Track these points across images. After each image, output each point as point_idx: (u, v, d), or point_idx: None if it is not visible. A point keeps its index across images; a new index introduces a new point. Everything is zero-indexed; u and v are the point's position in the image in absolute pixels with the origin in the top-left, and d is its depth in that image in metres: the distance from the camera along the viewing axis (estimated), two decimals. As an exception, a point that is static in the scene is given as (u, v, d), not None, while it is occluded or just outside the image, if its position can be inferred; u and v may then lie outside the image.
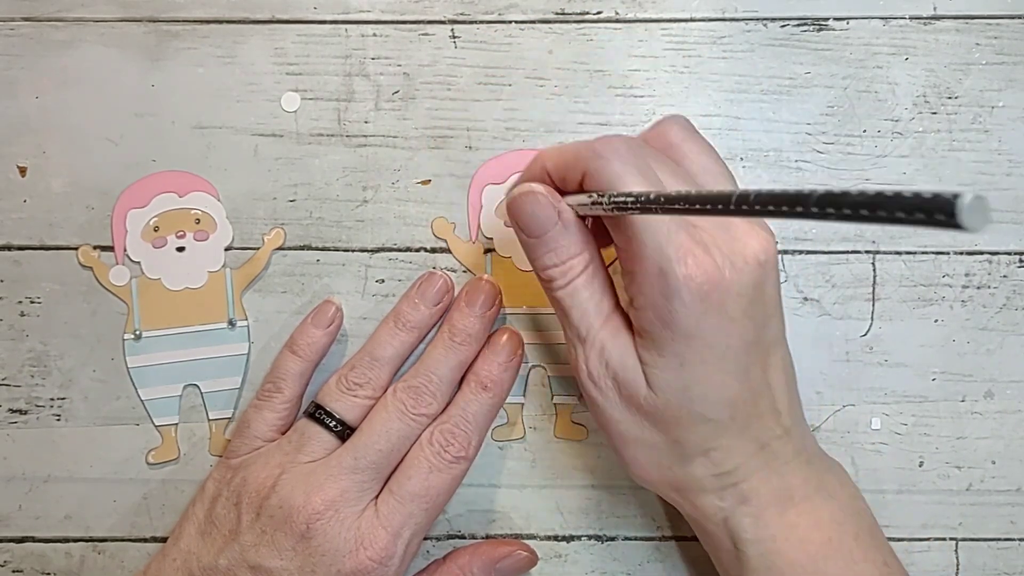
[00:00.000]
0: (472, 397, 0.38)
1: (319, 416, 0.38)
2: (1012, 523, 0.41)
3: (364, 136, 0.42)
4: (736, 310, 0.32)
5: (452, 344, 0.38)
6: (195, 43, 0.42)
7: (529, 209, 0.34)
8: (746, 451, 0.34)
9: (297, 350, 0.40)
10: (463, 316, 0.39)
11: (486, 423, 0.39)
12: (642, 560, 0.41)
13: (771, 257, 0.33)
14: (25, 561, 0.42)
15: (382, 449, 0.37)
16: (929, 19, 0.42)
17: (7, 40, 0.42)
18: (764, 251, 0.33)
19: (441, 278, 0.40)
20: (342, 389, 0.38)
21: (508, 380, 0.39)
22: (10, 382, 0.42)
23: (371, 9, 0.42)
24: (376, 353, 0.39)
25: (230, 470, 0.38)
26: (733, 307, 0.32)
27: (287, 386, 0.39)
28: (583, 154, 0.33)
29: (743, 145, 0.42)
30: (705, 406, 0.33)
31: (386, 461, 0.37)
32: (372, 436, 0.37)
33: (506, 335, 0.39)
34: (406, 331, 0.39)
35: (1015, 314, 0.41)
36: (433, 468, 0.37)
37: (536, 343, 0.41)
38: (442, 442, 0.37)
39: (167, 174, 0.42)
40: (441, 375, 0.38)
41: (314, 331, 0.40)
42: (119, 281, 0.42)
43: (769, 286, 0.33)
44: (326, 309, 0.40)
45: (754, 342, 0.33)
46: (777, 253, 0.34)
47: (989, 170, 0.41)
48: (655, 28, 0.42)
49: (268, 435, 0.39)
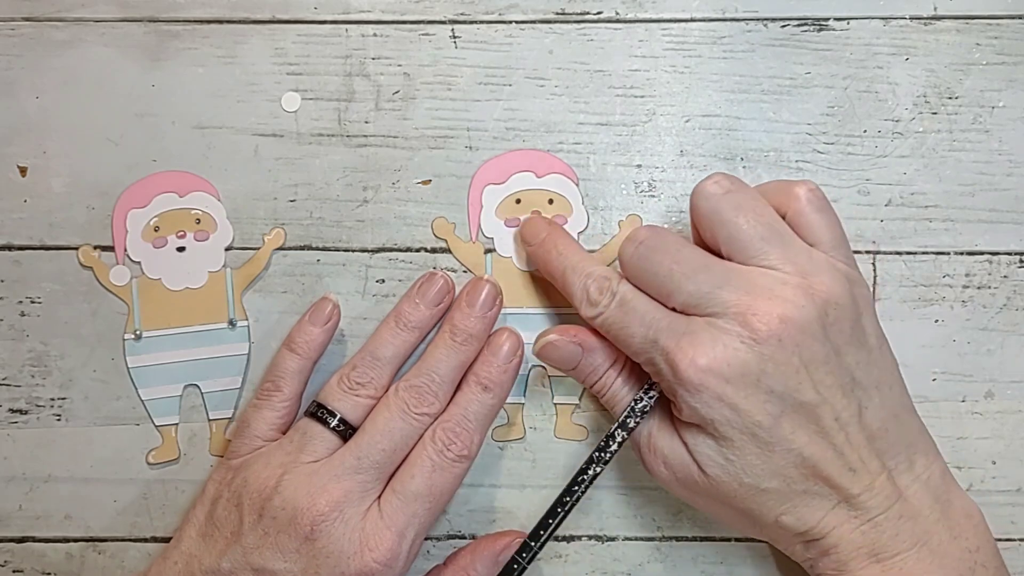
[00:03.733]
0: (472, 397, 0.38)
1: (321, 415, 0.38)
2: (1012, 523, 0.41)
3: (364, 136, 0.42)
4: (736, 395, 0.33)
5: (453, 344, 0.38)
6: (195, 43, 0.42)
7: (555, 356, 0.38)
8: (820, 509, 0.34)
9: (295, 348, 0.39)
10: (464, 316, 0.39)
11: (487, 423, 0.39)
12: (642, 560, 0.41)
13: (792, 317, 0.33)
14: (25, 561, 0.42)
15: (385, 448, 0.37)
16: (929, 19, 0.42)
17: (7, 40, 0.42)
18: (779, 316, 0.33)
19: (442, 278, 0.40)
20: (344, 388, 0.38)
21: (508, 381, 0.39)
22: (10, 382, 0.42)
23: (371, 9, 0.42)
24: (377, 352, 0.39)
25: (231, 471, 0.38)
26: (734, 392, 0.33)
27: (286, 384, 0.39)
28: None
29: (743, 145, 0.42)
30: (754, 478, 0.33)
31: (389, 460, 0.37)
32: (375, 435, 0.37)
33: (506, 336, 0.39)
34: (407, 331, 0.39)
35: (1015, 314, 0.41)
36: (436, 467, 0.37)
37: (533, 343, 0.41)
38: (444, 441, 0.37)
39: (167, 174, 0.42)
40: (442, 375, 0.38)
41: (312, 328, 0.40)
42: (119, 281, 0.42)
43: (787, 351, 0.33)
44: (323, 306, 0.40)
45: (784, 412, 0.33)
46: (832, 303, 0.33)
47: (989, 170, 0.41)
48: (655, 28, 0.42)
49: (268, 434, 0.39)
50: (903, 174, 0.42)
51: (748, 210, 0.34)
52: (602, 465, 0.36)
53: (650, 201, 0.42)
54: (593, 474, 0.36)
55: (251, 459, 0.38)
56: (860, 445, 0.34)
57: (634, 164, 0.42)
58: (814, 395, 0.33)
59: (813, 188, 0.36)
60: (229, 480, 0.38)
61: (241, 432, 0.39)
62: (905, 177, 0.42)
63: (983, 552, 0.34)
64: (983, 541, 0.35)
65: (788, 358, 0.33)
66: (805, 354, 0.33)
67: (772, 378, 0.33)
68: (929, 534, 0.34)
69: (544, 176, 0.42)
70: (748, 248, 0.34)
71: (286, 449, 0.37)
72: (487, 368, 0.39)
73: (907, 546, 0.34)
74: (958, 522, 0.35)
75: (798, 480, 0.33)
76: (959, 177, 0.42)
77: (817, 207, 0.35)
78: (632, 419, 0.36)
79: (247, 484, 0.37)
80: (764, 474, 0.33)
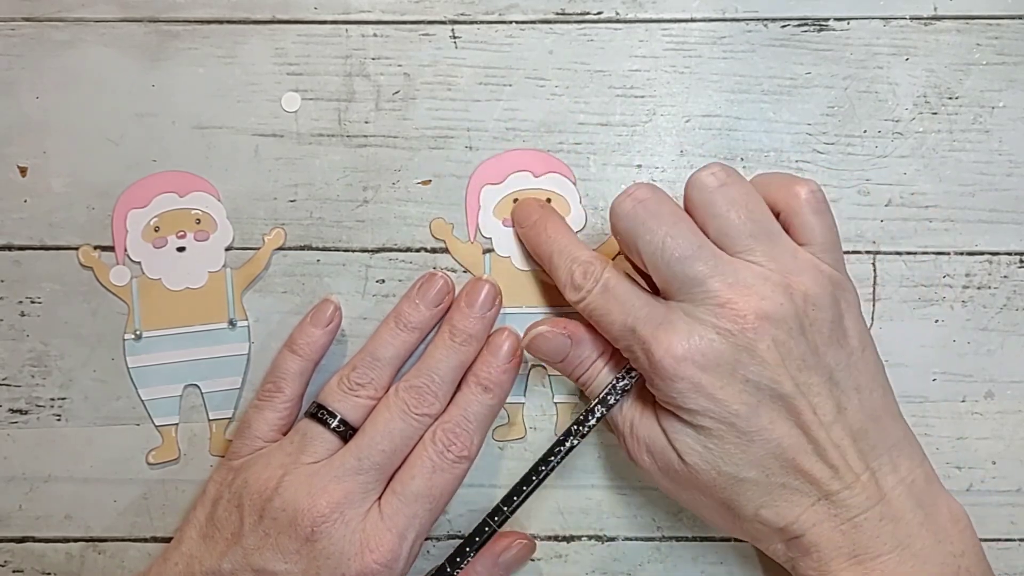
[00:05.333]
0: (473, 398, 0.38)
1: (321, 416, 0.38)
2: (1012, 523, 0.41)
3: (364, 136, 0.42)
4: (712, 384, 0.33)
5: (453, 344, 0.38)
6: (196, 43, 0.42)
7: (544, 348, 0.37)
8: (799, 505, 0.34)
9: (296, 349, 0.39)
10: (463, 317, 0.39)
11: (487, 423, 0.39)
12: (642, 560, 0.41)
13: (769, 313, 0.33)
14: (25, 561, 0.42)
15: (385, 449, 0.37)
16: (929, 19, 0.42)
17: (8, 40, 0.42)
18: (756, 311, 0.33)
19: (442, 279, 0.40)
20: (344, 389, 0.38)
21: (508, 381, 0.39)
22: (10, 382, 0.42)
23: (372, 9, 0.42)
24: (377, 353, 0.39)
25: (231, 471, 0.38)
26: (709, 381, 0.33)
27: (287, 385, 0.39)
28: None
29: (743, 145, 0.42)
30: (732, 467, 0.34)
31: (389, 461, 0.37)
32: (375, 436, 0.37)
33: (505, 336, 0.39)
34: (407, 331, 0.39)
35: (1015, 314, 0.41)
36: (436, 468, 0.37)
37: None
38: (445, 442, 0.37)
39: (167, 174, 0.42)
40: (442, 375, 0.38)
41: (313, 330, 0.40)
42: (119, 281, 0.42)
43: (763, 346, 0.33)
44: (325, 308, 0.40)
45: (762, 402, 0.33)
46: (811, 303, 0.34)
47: (989, 170, 0.42)
48: (655, 28, 0.42)
49: (269, 435, 0.39)
50: (903, 174, 0.42)
51: (741, 205, 0.35)
52: (579, 438, 0.37)
53: (650, 201, 0.42)
54: (570, 446, 0.37)
55: (252, 460, 0.38)
56: (841, 442, 0.34)
57: (634, 164, 0.42)
58: (792, 388, 0.33)
59: (815, 190, 0.36)
60: (230, 481, 0.38)
61: (242, 433, 0.39)
62: (905, 177, 0.42)
63: (968, 557, 0.34)
64: (969, 546, 0.34)
65: (764, 351, 0.33)
66: (782, 349, 0.33)
67: (748, 368, 0.33)
68: (912, 537, 0.33)
69: (542, 176, 0.42)
70: (736, 243, 0.34)
71: (286, 450, 0.38)
72: (487, 368, 0.39)
73: (888, 548, 0.33)
74: (943, 526, 0.34)
75: (777, 472, 0.33)
76: (959, 177, 0.42)
77: (814, 209, 0.35)
78: (612, 396, 0.37)
79: (247, 485, 0.37)
80: (743, 463, 0.33)
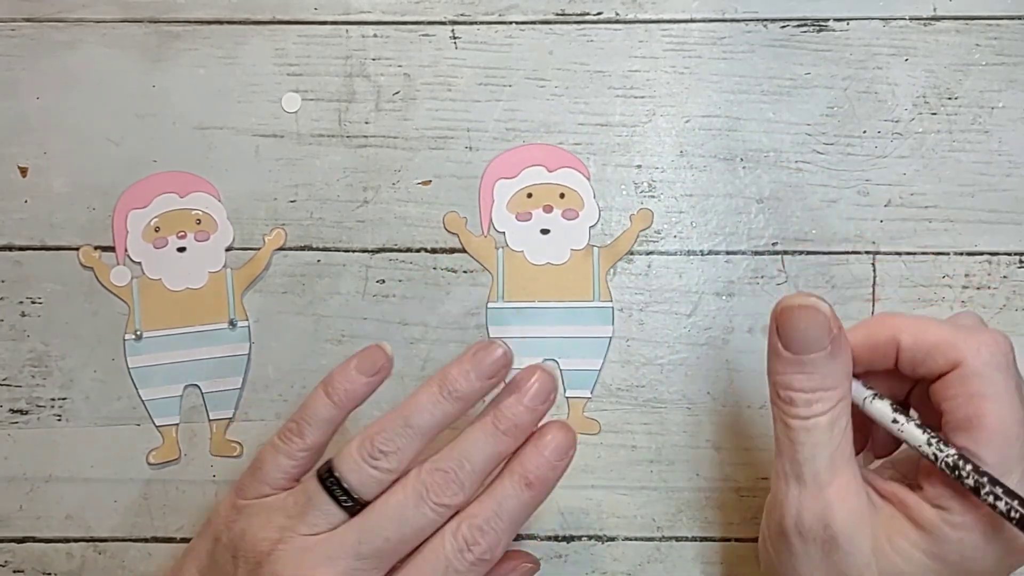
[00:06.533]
0: (512, 492, 0.33)
1: (330, 485, 0.33)
2: (1012, 523, 0.41)
3: (365, 137, 0.42)
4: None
5: (495, 431, 0.33)
6: (196, 44, 0.42)
7: (803, 326, 0.31)
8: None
9: (331, 393, 0.35)
10: (513, 404, 0.34)
11: (519, 525, 0.33)
12: (642, 560, 0.41)
13: None
14: (26, 561, 0.42)
15: (390, 538, 0.32)
16: (929, 20, 0.42)
17: (8, 41, 0.43)
18: None
19: (500, 348, 0.34)
20: (363, 456, 0.33)
21: (553, 481, 0.34)
22: (11, 382, 0.42)
23: (372, 10, 0.43)
24: (412, 419, 0.33)
25: (235, 510, 0.35)
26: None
27: (311, 432, 0.35)
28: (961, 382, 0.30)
29: (743, 146, 0.42)
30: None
31: (394, 550, 0.32)
32: (383, 520, 0.33)
33: (560, 429, 0.34)
34: (451, 401, 0.34)
35: (1015, 315, 0.41)
36: (451, 568, 0.32)
37: (548, 336, 0.41)
38: (468, 539, 0.32)
39: (168, 174, 0.42)
40: (475, 463, 0.33)
41: (357, 377, 0.35)
42: (120, 281, 0.42)
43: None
44: (375, 355, 0.35)
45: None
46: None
47: (989, 171, 0.42)
48: (655, 29, 0.42)
49: (280, 483, 0.35)
50: (903, 174, 0.42)
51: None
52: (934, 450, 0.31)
53: (650, 201, 0.42)
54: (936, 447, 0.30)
55: (255, 509, 0.35)
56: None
57: (634, 164, 0.42)
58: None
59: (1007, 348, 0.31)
60: (231, 522, 0.35)
61: (254, 472, 0.35)
62: (905, 177, 0.42)
63: None
64: None
65: None
66: None
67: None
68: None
69: (556, 170, 0.42)
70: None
71: (288, 512, 0.34)
72: (536, 462, 0.33)
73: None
74: None
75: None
76: (959, 177, 0.42)
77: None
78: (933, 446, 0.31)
79: (244, 538, 0.34)
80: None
